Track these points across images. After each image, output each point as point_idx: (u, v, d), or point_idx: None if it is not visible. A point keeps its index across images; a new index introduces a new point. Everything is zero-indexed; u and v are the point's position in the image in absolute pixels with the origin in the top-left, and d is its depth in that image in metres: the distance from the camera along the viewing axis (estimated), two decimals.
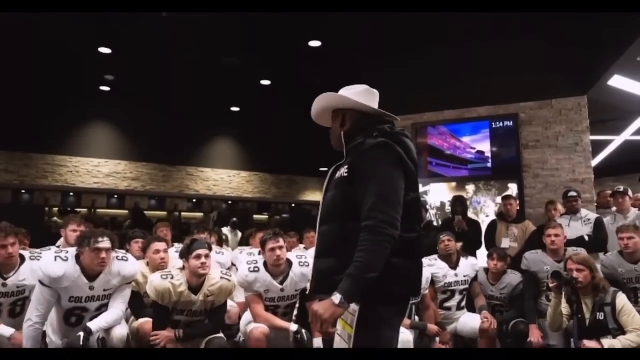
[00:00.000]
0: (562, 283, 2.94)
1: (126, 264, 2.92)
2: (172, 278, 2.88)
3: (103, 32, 4.96)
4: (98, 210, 10.13)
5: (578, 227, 4.30)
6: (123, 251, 3.11)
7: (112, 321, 2.84)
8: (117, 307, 2.90)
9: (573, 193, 4.50)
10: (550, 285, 3.02)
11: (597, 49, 4.75)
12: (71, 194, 9.94)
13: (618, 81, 5.50)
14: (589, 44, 4.65)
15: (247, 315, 3.32)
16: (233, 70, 5.89)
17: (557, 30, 4.40)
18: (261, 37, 4.93)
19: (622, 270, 3.46)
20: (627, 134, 8.29)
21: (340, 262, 1.54)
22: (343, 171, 1.67)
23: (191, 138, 10.37)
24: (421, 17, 4.12)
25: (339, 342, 1.59)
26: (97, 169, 9.91)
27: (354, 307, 1.52)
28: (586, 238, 4.14)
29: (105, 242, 2.74)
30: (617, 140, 8.62)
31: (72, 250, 2.80)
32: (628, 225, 3.56)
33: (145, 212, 10.24)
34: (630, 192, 4.69)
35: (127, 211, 10.35)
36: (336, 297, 1.47)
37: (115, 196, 10.42)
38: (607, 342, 2.86)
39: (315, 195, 13.46)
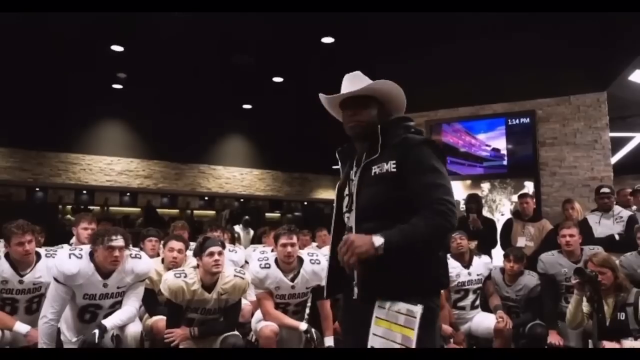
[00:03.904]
0: (585, 280, 2.86)
1: (140, 262, 2.92)
2: (185, 277, 2.88)
3: (115, 30, 4.97)
4: (111, 208, 10.24)
5: (609, 225, 4.15)
6: (137, 249, 3.11)
7: (127, 319, 2.85)
8: (131, 304, 2.90)
9: (606, 189, 4.33)
10: (573, 282, 2.94)
11: (618, 43, 4.64)
12: (84, 192, 10.05)
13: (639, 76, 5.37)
14: (608, 39, 4.54)
15: (258, 314, 3.31)
16: (245, 68, 5.87)
17: (575, 25, 4.29)
18: (273, 33, 4.90)
19: None
20: None
21: (397, 260, 1.51)
22: (389, 166, 1.61)
23: (203, 136, 10.41)
24: (434, 13, 4.05)
25: (383, 344, 1.50)
26: (110, 167, 10.00)
27: (410, 308, 1.46)
28: (617, 237, 4.00)
29: (118, 241, 2.74)
30: (638, 137, 8.45)
31: (87, 248, 2.81)
32: None
33: (157, 210, 10.33)
34: None
35: (139, 209, 10.45)
36: (378, 240, 1.45)
37: (128, 194, 10.52)
38: (628, 344, 2.78)
39: (328, 194, 13.42)
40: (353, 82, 1.75)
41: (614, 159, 6.85)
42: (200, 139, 10.45)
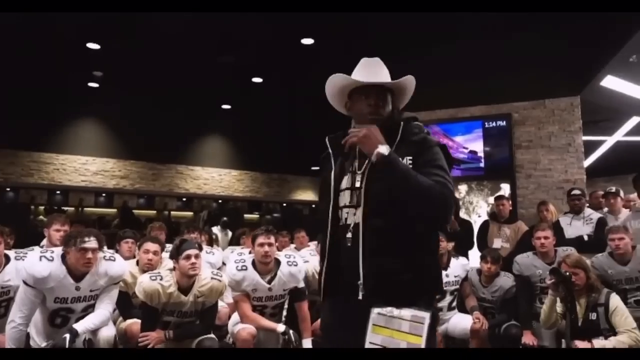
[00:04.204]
0: (560, 280, 2.91)
1: (114, 264, 2.85)
2: (161, 279, 2.83)
3: (91, 27, 4.86)
4: (86, 209, 10.00)
5: (579, 226, 4.27)
6: (111, 251, 3.04)
7: (100, 322, 2.77)
8: (104, 308, 2.83)
9: (577, 191, 4.46)
10: (548, 282, 3.00)
11: (591, 49, 4.76)
12: (58, 192, 9.80)
13: (611, 82, 5.53)
14: (582, 45, 4.65)
15: (235, 316, 3.28)
16: (224, 68, 5.81)
17: (550, 30, 4.39)
18: (253, 34, 4.87)
19: (612, 272, 3.44)
20: (619, 135, 8.38)
21: (408, 260, 1.50)
22: (406, 162, 1.57)
23: (181, 136, 10.26)
24: (413, 16, 4.09)
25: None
26: (84, 167, 9.77)
27: (416, 314, 1.40)
28: (585, 238, 4.10)
29: (91, 242, 2.66)
30: (609, 141, 8.71)
31: (58, 250, 2.73)
32: (618, 227, 3.54)
33: (134, 211, 10.14)
34: (622, 193, 4.69)
35: (115, 210, 10.24)
36: (384, 149, 1.49)
37: (104, 195, 10.29)
38: (599, 343, 2.85)
39: (307, 195, 13.41)
40: (381, 69, 1.72)
41: (586, 162, 7.03)
42: (178, 139, 10.29)
